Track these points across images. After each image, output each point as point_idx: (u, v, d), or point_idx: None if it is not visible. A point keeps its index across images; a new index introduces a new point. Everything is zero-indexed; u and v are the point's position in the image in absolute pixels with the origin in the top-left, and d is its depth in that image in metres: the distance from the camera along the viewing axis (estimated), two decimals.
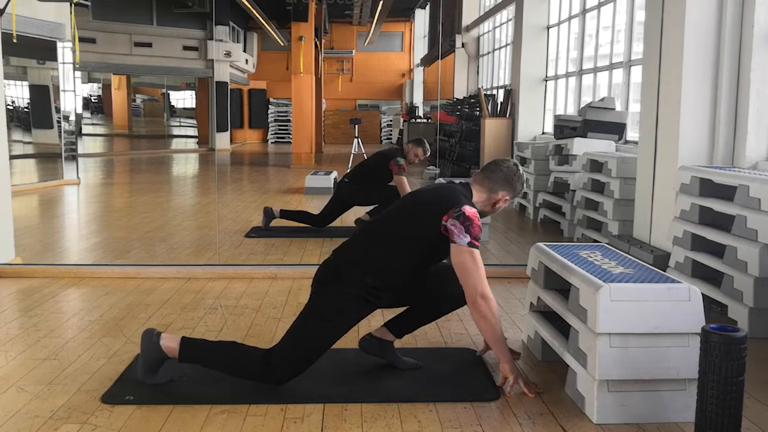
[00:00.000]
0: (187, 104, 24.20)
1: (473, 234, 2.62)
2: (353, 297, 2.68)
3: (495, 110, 10.12)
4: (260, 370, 2.67)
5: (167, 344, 2.70)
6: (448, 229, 2.63)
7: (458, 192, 2.75)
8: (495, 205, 2.84)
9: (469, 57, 14.41)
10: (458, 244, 2.62)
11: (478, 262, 2.63)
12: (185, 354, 2.70)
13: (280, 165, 13.98)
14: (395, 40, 23.50)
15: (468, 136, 10.79)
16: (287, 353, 2.68)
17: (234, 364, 2.71)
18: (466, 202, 2.69)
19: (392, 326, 2.99)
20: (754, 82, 4.27)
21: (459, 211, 2.63)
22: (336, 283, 2.70)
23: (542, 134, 9.68)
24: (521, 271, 4.29)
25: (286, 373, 2.68)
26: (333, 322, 2.69)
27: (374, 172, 6.21)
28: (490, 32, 13.61)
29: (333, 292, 2.70)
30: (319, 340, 2.69)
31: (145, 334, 2.73)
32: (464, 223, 2.61)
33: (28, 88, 10.98)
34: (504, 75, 12.38)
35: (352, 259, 2.73)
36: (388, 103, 23.42)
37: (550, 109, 9.78)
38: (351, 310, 2.71)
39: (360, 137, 10.67)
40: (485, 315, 2.65)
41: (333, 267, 2.75)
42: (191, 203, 8.75)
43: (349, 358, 3.03)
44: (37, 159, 11.29)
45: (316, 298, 2.73)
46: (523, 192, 2.92)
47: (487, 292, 2.65)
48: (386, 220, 2.85)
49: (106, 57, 15.31)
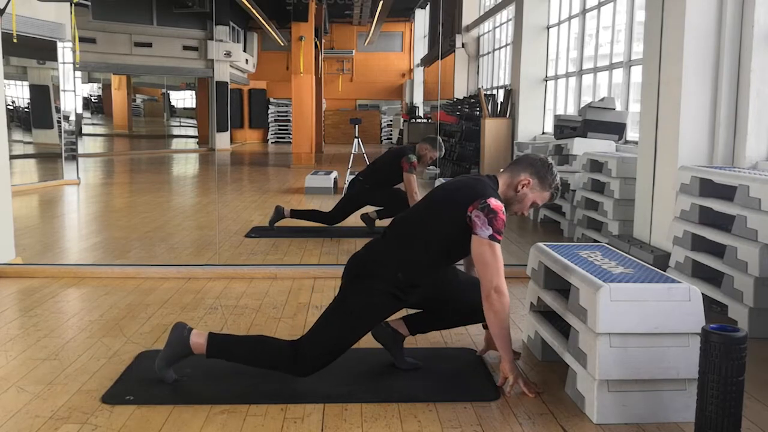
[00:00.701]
0: (187, 104, 24.21)
1: (495, 227, 2.61)
2: (383, 293, 2.70)
3: (495, 110, 10.12)
4: (287, 361, 2.69)
5: (195, 341, 2.72)
6: (472, 220, 2.62)
7: (485, 183, 2.74)
8: (517, 189, 2.79)
9: (469, 57, 14.41)
10: (479, 236, 2.62)
11: (497, 255, 2.63)
12: (213, 349, 2.72)
13: (280, 165, 13.98)
14: (395, 40, 23.49)
15: (468, 136, 10.79)
16: (315, 345, 2.69)
17: (261, 357, 2.74)
18: (492, 194, 2.68)
19: (409, 321, 3.01)
20: (754, 83, 4.27)
21: (484, 203, 2.62)
22: (367, 278, 2.72)
23: (542, 134, 9.69)
24: (521, 271, 4.28)
25: (312, 365, 2.70)
26: (362, 317, 2.71)
27: (387, 169, 6.10)
28: (490, 32, 13.61)
29: (363, 287, 2.72)
30: (346, 334, 2.71)
31: (176, 327, 2.76)
32: (488, 215, 2.60)
33: (28, 88, 10.99)
34: (504, 75, 12.38)
35: (384, 255, 2.75)
36: (388, 103, 23.41)
37: (550, 109, 9.78)
38: (380, 305, 2.73)
39: (360, 137, 10.65)
40: (497, 309, 2.65)
41: (365, 261, 2.77)
42: (191, 203, 8.75)
43: (349, 358, 3.03)
44: (37, 159, 11.29)
45: (347, 292, 2.75)
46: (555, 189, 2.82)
47: (502, 286, 2.65)
48: (415, 215, 2.86)
49: (106, 57, 15.31)
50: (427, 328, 3.08)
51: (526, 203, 2.82)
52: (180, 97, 24.97)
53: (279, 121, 21.31)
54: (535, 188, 2.81)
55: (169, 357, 2.74)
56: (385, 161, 6.24)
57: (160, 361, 2.74)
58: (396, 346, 2.97)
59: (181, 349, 2.72)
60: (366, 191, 6.15)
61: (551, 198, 2.86)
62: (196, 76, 17.95)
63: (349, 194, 6.31)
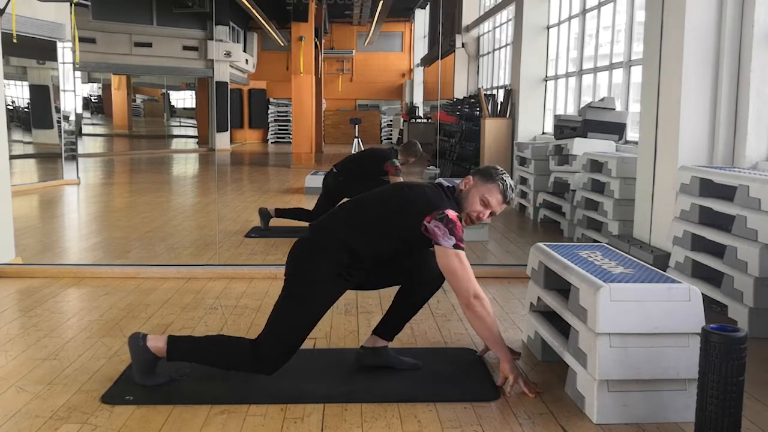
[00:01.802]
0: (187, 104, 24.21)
1: (457, 235, 2.62)
2: (329, 274, 2.68)
3: (495, 110, 10.11)
4: (250, 360, 2.67)
5: (155, 344, 2.70)
6: (431, 231, 2.63)
7: (440, 194, 2.76)
8: (461, 189, 2.80)
9: (469, 57, 14.40)
10: (444, 246, 2.61)
11: (465, 263, 2.64)
12: (173, 352, 2.70)
13: (280, 165, 13.98)
14: (395, 40, 23.49)
15: (468, 136, 10.79)
16: (272, 340, 2.68)
17: (224, 357, 2.72)
18: (449, 205, 2.70)
19: (381, 332, 2.98)
20: (754, 82, 4.27)
21: (442, 214, 2.63)
22: (311, 259, 2.70)
23: (542, 134, 9.68)
24: (521, 271, 4.28)
25: (274, 360, 2.68)
26: (311, 303, 2.69)
27: (366, 168, 6.13)
28: (490, 32, 13.61)
29: (308, 271, 2.69)
30: (301, 323, 2.69)
31: (131, 339, 2.73)
32: (447, 225, 2.61)
33: (28, 88, 10.98)
34: (504, 75, 12.37)
35: (330, 236, 2.72)
36: (388, 103, 23.41)
37: (550, 109, 9.78)
38: (327, 288, 2.70)
39: (360, 137, 10.69)
40: (481, 315, 2.66)
41: (310, 243, 2.74)
42: (191, 203, 8.75)
43: (349, 358, 3.03)
44: (37, 159, 11.29)
45: (292, 281, 2.72)
46: (501, 181, 2.77)
47: (480, 291, 2.65)
48: (369, 205, 2.83)
49: (106, 57, 15.31)
50: (399, 325, 3.00)
51: (472, 200, 2.77)
52: (180, 97, 24.98)
53: (279, 121, 21.30)
54: (478, 182, 2.79)
55: (140, 368, 2.72)
56: (363, 158, 6.30)
57: (136, 375, 2.73)
58: (386, 358, 2.95)
59: (145, 355, 2.70)
60: (340, 183, 6.12)
61: (502, 190, 2.76)
62: (196, 76, 17.94)
63: (325, 189, 6.28)
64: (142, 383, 2.72)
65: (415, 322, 3.48)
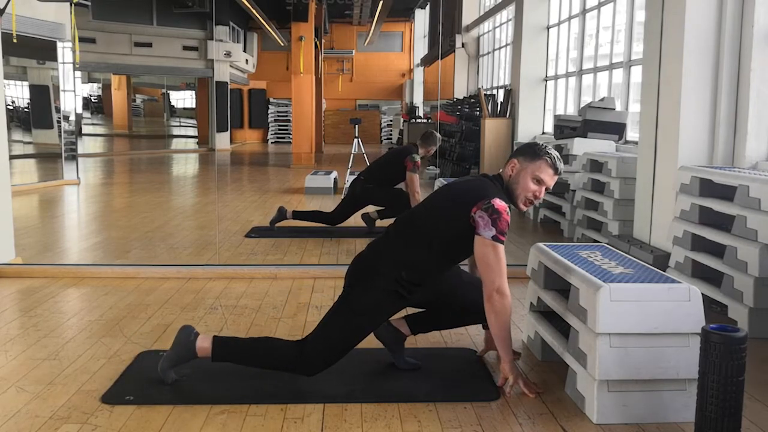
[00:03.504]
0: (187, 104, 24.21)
1: (499, 228, 2.60)
2: (387, 291, 2.70)
3: (495, 110, 10.11)
4: (293, 362, 2.70)
5: (201, 345, 2.73)
6: (476, 221, 2.62)
7: (488, 184, 2.74)
8: (510, 174, 2.76)
9: (469, 57, 14.40)
10: (482, 237, 2.61)
11: (500, 256, 2.62)
12: (219, 353, 2.72)
13: (280, 165, 13.98)
14: (395, 40, 23.49)
15: (468, 136, 10.79)
16: (320, 345, 2.70)
17: (267, 359, 2.74)
18: (496, 195, 2.67)
19: (410, 321, 3.02)
20: (754, 82, 4.27)
21: (488, 203, 2.61)
22: (371, 277, 2.72)
23: (542, 134, 9.69)
24: (521, 271, 4.28)
25: (317, 364, 2.70)
26: (365, 316, 2.72)
27: (389, 169, 6.13)
28: (490, 32, 13.61)
29: (367, 286, 2.72)
30: (351, 333, 2.71)
31: (183, 331, 2.76)
32: (492, 216, 2.59)
33: (28, 88, 10.98)
34: (504, 75, 12.37)
35: (387, 254, 2.75)
36: (388, 103, 23.41)
37: (550, 109, 9.78)
38: (384, 304, 2.73)
39: (360, 137, 10.64)
40: (498, 310, 2.65)
41: (368, 260, 2.77)
42: (191, 203, 8.75)
43: (349, 357, 3.02)
44: (37, 159, 11.29)
45: (351, 291, 2.75)
46: (547, 155, 2.72)
47: (505, 288, 2.65)
48: (418, 214, 2.85)
49: (106, 57, 15.31)
50: (428, 327, 3.08)
51: (526, 183, 2.72)
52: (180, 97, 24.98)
53: (279, 121, 21.31)
54: (524, 163, 2.74)
55: (173, 359, 2.74)
56: (387, 160, 6.27)
57: (164, 362, 2.75)
58: (397, 346, 2.97)
59: (186, 352, 2.73)
60: (368, 191, 6.16)
61: (551, 164, 2.72)
62: (196, 76, 17.94)
63: (351, 194, 6.31)
64: (163, 375, 2.73)
65: None
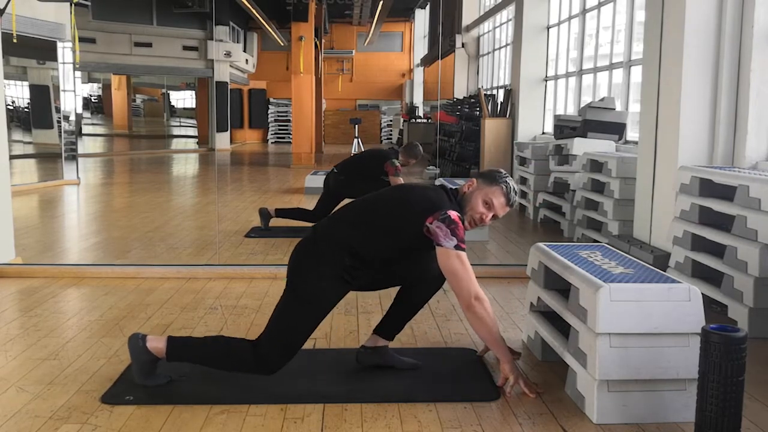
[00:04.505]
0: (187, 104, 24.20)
1: (459, 236, 2.62)
2: (331, 276, 2.68)
3: (495, 110, 10.12)
4: (251, 360, 2.67)
5: (154, 345, 2.70)
6: (433, 232, 2.62)
7: (442, 195, 2.75)
8: (464, 191, 2.77)
9: (469, 57, 14.40)
10: (445, 248, 2.61)
11: (466, 264, 2.63)
12: (173, 353, 2.70)
13: (280, 165, 13.98)
14: (395, 40, 23.49)
15: (468, 136, 10.79)
16: (274, 340, 2.68)
17: (224, 358, 2.72)
18: (451, 207, 2.69)
19: (381, 331, 2.99)
20: (754, 82, 4.27)
21: (444, 214, 2.62)
22: (314, 260, 2.70)
23: (542, 134, 9.68)
24: (521, 271, 4.28)
25: (275, 360, 2.68)
26: (313, 304, 2.69)
27: (366, 168, 6.14)
28: (490, 32, 13.61)
29: (311, 272, 2.69)
30: (302, 324, 2.69)
31: (131, 339, 2.73)
32: (449, 226, 2.61)
33: (28, 88, 10.99)
34: (504, 75, 12.37)
35: (333, 238, 2.72)
36: (388, 103, 23.41)
37: (550, 109, 9.78)
38: (329, 289, 2.70)
39: (360, 137, 10.69)
40: (481, 316, 2.65)
41: (312, 243, 2.74)
42: (191, 203, 8.75)
43: (349, 358, 3.03)
44: (37, 159, 11.29)
45: (295, 281, 2.72)
46: (504, 183, 2.76)
47: (480, 292, 2.65)
48: (371, 206, 2.82)
49: (106, 57, 15.31)
50: (399, 324, 3.01)
51: (475, 202, 2.74)
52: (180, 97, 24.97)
53: (279, 121, 21.30)
54: (482, 185, 2.77)
55: (139, 370, 2.72)
56: (364, 158, 6.33)
57: (136, 376, 2.73)
58: (386, 358, 2.96)
59: (144, 356, 2.70)
60: (340, 183, 6.14)
61: (505, 193, 2.75)
62: (196, 76, 17.94)
63: (326, 188, 6.30)
64: (143, 384, 2.72)
65: (415, 322, 3.48)
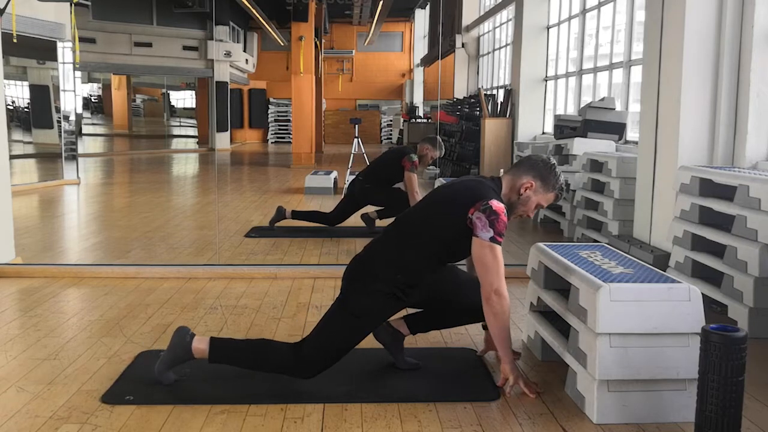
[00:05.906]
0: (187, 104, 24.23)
1: (497, 229, 2.60)
2: (384, 293, 2.70)
3: (495, 110, 10.11)
4: (290, 365, 2.69)
5: (197, 346, 2.72)
6: (473, 222, 2.62)
7: (486, 185, 2.73)
8: (520, 193, 2.77)
9: (469, 57, 14.41)
10: (480, 238, 2.61)
11: (498, 258, 2.63)
12: (215, 354, 2.71)
13: (280, 165, 13.98)
14: (395, 40, 23.51)
15: (468, 136, 10.79)
16: (317, 347, 2.70)
17: (264, 361, 2.73)
18: (494, 196, 2.66)
19: (409, 321, 3.02)
20: (754, 82, 4.27)
21: (486, 205, 2.61)
22: (367, 279, 2.72)
23: (542, 134, 9.68)
24: (521, 271, 4.28)
25: (315, 367, 2.70)
26: (362, 318, 2.71)
27: (387, 169, 6.09)
28: (490, 32, 13.61)
29: (364, 288, 2.71)
30: (348, 336, 2.71)
31: (179, 332, 2.74)
32: (489, 217, 2.59)
33: (28, 88, 10.99)
34: (504, 75, 12.37)
35: (384, 256, 2.74)
36: (388, 103, 23.42)
37: (550, 109, 9.78)
38: (381, 306, 2.73)
39: (360, 137, 10.65)
40: (497, 311, 2.66)
41: (365, 262, 2.77)
42: (191, 203, 8.75)
43: (349, 357, 3.02)
44: (37, 159, 11.30)
45: (348, 294, 2.75)
46: (560, 190, 2.84)
47: (503, 289, 2.65)
48: (415, 215, 2.85)
49: (106, 57, 15.32)
50: (427, 327, 3.08)
51: (530, 206, 2.81)
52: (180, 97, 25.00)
53: (279, 121, 21.31)
54: (538, 191, 2.79)
55: (169, 361, 2.73)
56: (385, 160, 6.24)
57: (160, 364, 2.74)
58: (396, 346, 2.97)
59: (183, 353, 2.71)
60: (366, 191, 6.15)
61: (556, 199, 2.86)
62: (196, 76, 17.95)
63: (350, 194, 6.31)
64: (159, 377, 2.73)
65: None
